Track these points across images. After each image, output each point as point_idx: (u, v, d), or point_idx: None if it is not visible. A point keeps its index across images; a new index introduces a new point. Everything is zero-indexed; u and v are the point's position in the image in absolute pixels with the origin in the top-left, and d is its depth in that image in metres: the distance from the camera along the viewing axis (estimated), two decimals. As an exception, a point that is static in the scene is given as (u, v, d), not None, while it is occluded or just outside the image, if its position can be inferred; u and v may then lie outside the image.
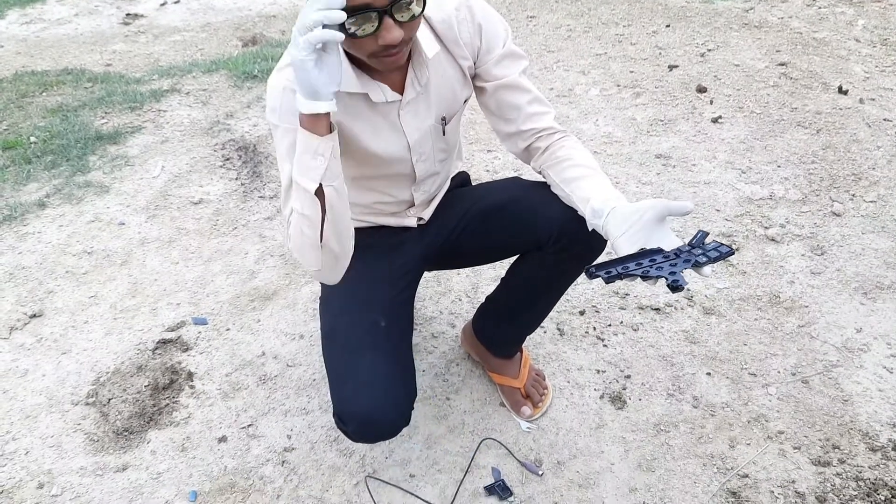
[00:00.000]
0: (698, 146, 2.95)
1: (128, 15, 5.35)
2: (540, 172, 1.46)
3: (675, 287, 1.07)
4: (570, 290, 1.76)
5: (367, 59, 1.17)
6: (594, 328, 2.08)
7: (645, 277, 1.10)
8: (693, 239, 1.17)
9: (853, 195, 2.59)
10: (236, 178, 2.84)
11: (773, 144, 2.92)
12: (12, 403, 1.90)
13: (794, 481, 1.64)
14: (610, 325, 2.08)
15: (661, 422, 1.80)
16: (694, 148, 2.94)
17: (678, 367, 1.95)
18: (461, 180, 1.73)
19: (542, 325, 1.90)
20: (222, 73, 3.81)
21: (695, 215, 2.52)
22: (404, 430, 1.47)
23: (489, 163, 2.89)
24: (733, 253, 1.17)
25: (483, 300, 1.83)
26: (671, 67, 3.64)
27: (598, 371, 1.94)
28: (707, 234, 1.18)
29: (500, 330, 1.79)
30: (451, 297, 2.21)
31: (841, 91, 3.27)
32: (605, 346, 2.02)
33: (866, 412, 1.79)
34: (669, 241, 1.16)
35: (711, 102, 3.27)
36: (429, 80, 1.33)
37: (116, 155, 3.01)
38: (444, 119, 1.42)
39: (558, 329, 2.07)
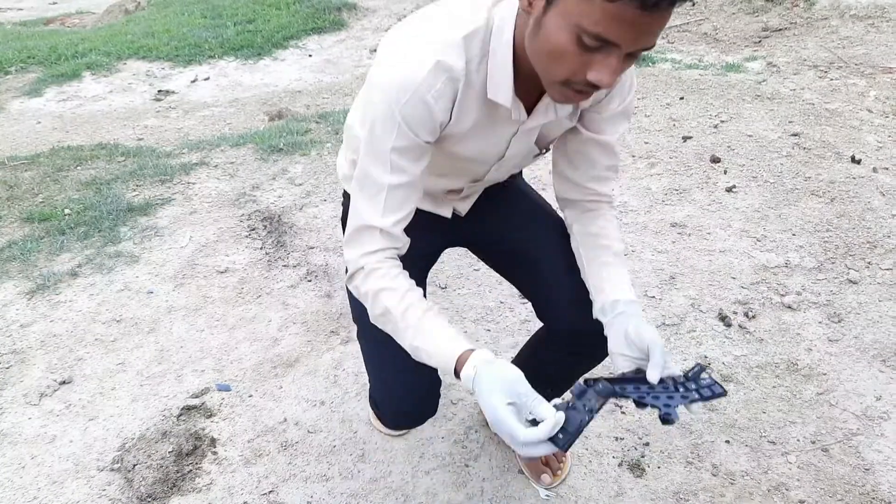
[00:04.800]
0: (713, 215, 3.00)
1: (159, 91, 5.58)
2: (569, 230, 1.46)
3: (666, 420, 1.10)
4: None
5: (551, 83, 1.05)
6: (612, 395, 2.09)
7: (639, 404, 1.12)
8: (690, 371, 1.18)
9: (869, 263, 2.61)
10: (261, 248, 2.92)
11: (787, 213, 2.97)
12: (40, 469, 1.94)
13: (816, 552, 1.63)
14: (628, 393, 2.09)
15: (680, 490, 1.79)
16: (709, 217, 2.99)
17: (697, 434, 1.95)
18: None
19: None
20: (249, 146, 3.94)
21: (711, 283, 2.55)
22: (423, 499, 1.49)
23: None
24: (725, 394, 1.19)
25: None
26: (685, 138, 3.72)
27: (617, 438, 1.95)
28: (704, 368, 1.19)
29: None
30: (470, 364, 2.23)
31: (854, 160, 3.33)
32: (623, 412, 2.03)
33: (888, 481, 1.78)
34: (668, 369, 1.16)
35: (725, 172, 3.33)
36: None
37: (146, 226, 3.11)
38: (543, 148, 1.39)
39: (576, 396, 2.09)
